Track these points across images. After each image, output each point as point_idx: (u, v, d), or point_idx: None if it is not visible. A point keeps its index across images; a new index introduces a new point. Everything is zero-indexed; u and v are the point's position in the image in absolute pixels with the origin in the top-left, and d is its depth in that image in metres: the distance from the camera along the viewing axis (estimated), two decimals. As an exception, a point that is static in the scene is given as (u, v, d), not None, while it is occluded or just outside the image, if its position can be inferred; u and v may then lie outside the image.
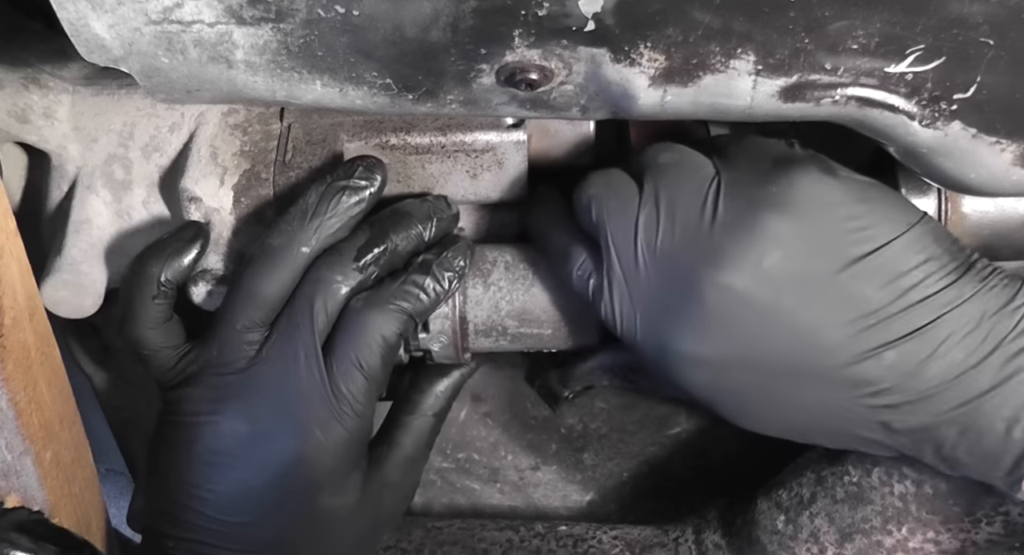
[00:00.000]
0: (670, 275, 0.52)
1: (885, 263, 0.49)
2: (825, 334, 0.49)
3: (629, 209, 0.54)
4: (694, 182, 0.53)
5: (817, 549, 0.68)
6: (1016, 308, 0.48)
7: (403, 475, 0.62)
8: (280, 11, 0.45)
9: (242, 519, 0.56)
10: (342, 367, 0.55)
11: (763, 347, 0.51)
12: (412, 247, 0.58)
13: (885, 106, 0.49)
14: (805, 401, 0.51)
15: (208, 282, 0.59)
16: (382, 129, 0.61)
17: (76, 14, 0.45)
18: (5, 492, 0.50)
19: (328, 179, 0.56)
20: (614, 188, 0.56)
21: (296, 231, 0.55)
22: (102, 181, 0.62)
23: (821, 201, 0.50)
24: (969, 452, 0.50)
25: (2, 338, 0.48)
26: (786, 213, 0.50)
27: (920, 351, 0.48)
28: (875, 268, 0.49)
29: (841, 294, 0.49)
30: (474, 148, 0.61)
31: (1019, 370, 0.48)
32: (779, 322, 0.50)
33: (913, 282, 0.49)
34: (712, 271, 0.50)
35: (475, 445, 0.86)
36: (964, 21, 0.44)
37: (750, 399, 0.53)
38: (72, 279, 0.61)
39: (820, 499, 0.68)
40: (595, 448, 0.86)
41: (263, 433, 0.55)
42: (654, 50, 0.47)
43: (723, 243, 0.50)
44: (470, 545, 0.79)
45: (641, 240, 0.53)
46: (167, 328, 0.58)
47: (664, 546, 0.77)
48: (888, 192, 0.53)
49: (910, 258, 0.49)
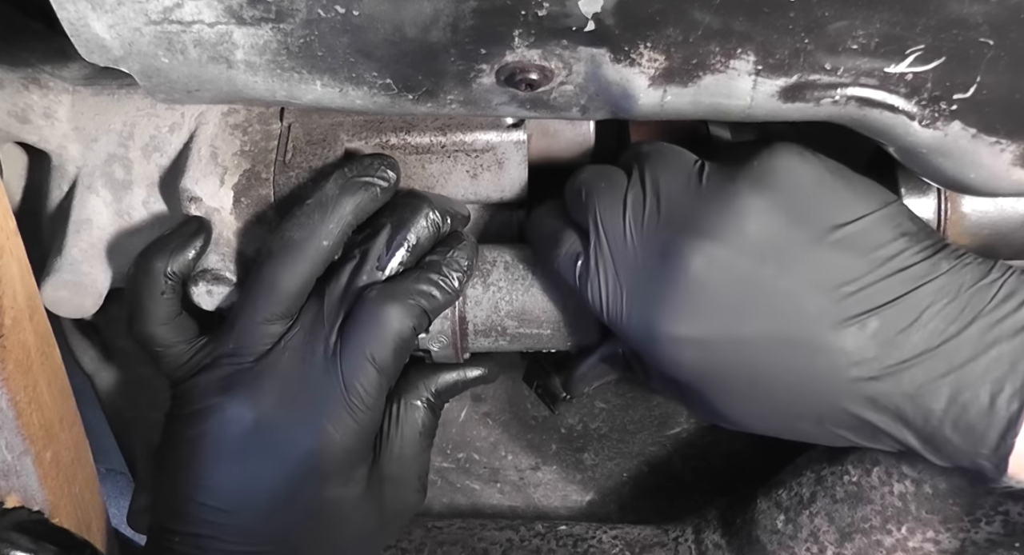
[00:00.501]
0: (656, 248, 0.53)
1: (864, 233, 0.50)
2: (807, 300, 0.50)
3: (617, 189, 0.55)
4: (679, 164, 0.55)
5: (817, 549, 0.68)
6: (992, 281, 0.49)
7: (400, 469, 0.62)
8: (280, 11, 0.45)
9: (247, 511, 0.55)
10: (355, 361, 0.55)
11: (747, 318, 0.51)
12: (428, 246, 0.58)
13: (885, 106, 0.49)
14: (789, 376, 0.51)
15: (208, 282, 0.59)
16: (382, 129, 0.61)
17: (76, 14, 0.45)
18: (5, 492, 0.50)
19: (347, 173, 0.57)
20: (604, 174, 0.57)
21: (317, 224, 0.55)
22: (102, 181, 0.62)
23: (801, 174, 0.52)
24: (954, 427, 0.49)
25: (2, 338, 0.48)
26: (767, 184, 0.52)
27: (901, 319, 0.49)
28: (854, 237, 0.50)
29: (821, 261, 0.50)
30: (474, 148, 0.61)
31: (999, 339, 0.48)
32: (762, 290, 0.51)
33: (891, 253, 0.50)
34: (695, 240, 0.51)
35: (475, 445, 0.86)
36: (964, 21, 0.44)
37: (735, 381, 0.53)
38: (72, 279, 0.61)
39: (820, 499, 0.68)
40: (595, 448, 0.86)
41: (270, 422, 0.55)
42: (654, 50, 0.47)
43: (706, 214, 0.52)
44: (470, 545, 0.79)
45: (628, 217, 0.54)
46: (178, 323, 0.58)
47: (664, 546, 0.77)
48: (863, 177, 0.54)
49: (887, 232, 0.51)
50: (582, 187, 0.57)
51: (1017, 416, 0.48)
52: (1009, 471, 0.49)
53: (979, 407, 0.49)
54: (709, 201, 0.52)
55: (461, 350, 0.61)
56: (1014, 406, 0.48)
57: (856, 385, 0.50)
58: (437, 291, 0.56)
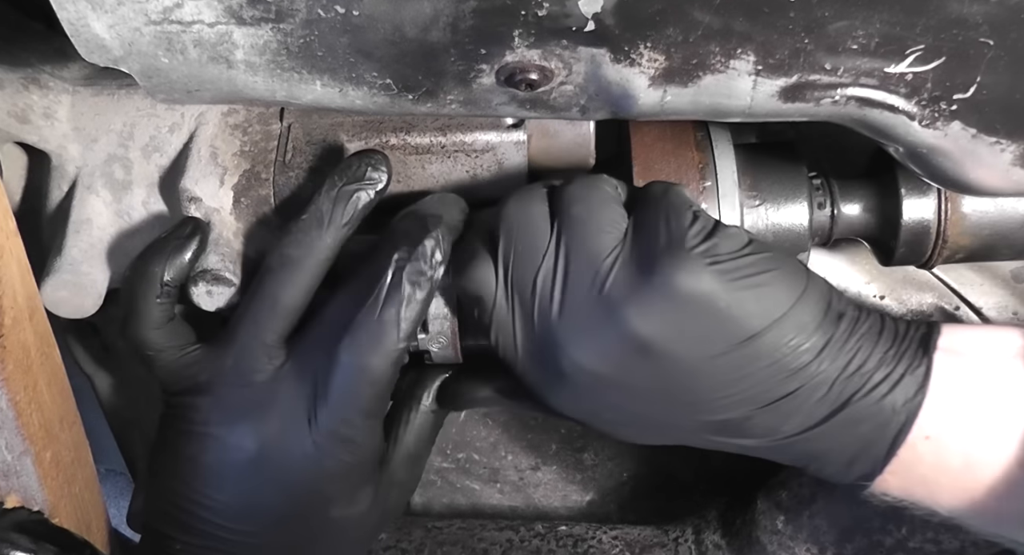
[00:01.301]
0: (549, 337, 0.52)
1: (766, 345, 0.50)
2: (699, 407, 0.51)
3: (533, 255, 0.53)
4: (597, 245, 0.52)
5: (817, 549, 0.68)
6: (862, 373, 0.50)
7: (407, 472, 0.62)
8: (280, 11, 0.45)
9: (249, 527, 0.56)
10: (351, 381, 0.55)
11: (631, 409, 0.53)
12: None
13: (885, 106, 0.49)
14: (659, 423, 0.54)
15: (208, 282, 0.59)
16: (382, 129, 0.61)
17: (76, 14, 0.45)
18: (5, 492, 0.50)
19: (337, 181, 0.56)
20: (524, 226, 0.54)
21: (314, 241, 0.55)
22: (102, 181, 0.62)
23: (700, 294, 0.50)
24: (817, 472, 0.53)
25: (2, 338, 0.48)
26: (666, 306, 0.50)
27: (785, 411, 0.50)
28: (757, 351, 0.50)
29: (713, 375, 0.50)
30: (474, 148, 0.61)
31: (861, 421, 0.50)
32: (651, 397, 0.52)
33: (788, 354, 0.50)
34: (576, 352, 0.51)
35: (475, 445, 0.86)
36: (964, 21, 0.44)
37: (614, 422, 0.55)
38: (72, 279, 0.61)
39: (820, 499, 0.68)
40: (595, 448, 0.86)
41: (272, 451, 0.55)
42: (654, 50, 0.47)
43: (598, 325, 0.51)
44: (470, 545, 0.79)
45: (539, 289, 0.53)
46: (171, 328, 0.58)
47: (664, 546, 0.77)
48: (776, 267, 0.51)
49: (787, 337, 0.50)
50: (502, 236, 0.55)
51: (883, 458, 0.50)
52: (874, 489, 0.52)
53: (837, 467, 0.52)
54: (607, 310, 0.51)
55: (460, 351, 0.61)
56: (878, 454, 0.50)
57: (729, 446, 0.53)
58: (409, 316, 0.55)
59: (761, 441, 0.52)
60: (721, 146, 0.63)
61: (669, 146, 0.64)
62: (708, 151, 0.63)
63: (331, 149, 0.60)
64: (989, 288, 0.72)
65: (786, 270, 0.51)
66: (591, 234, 0.53)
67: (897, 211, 0.62)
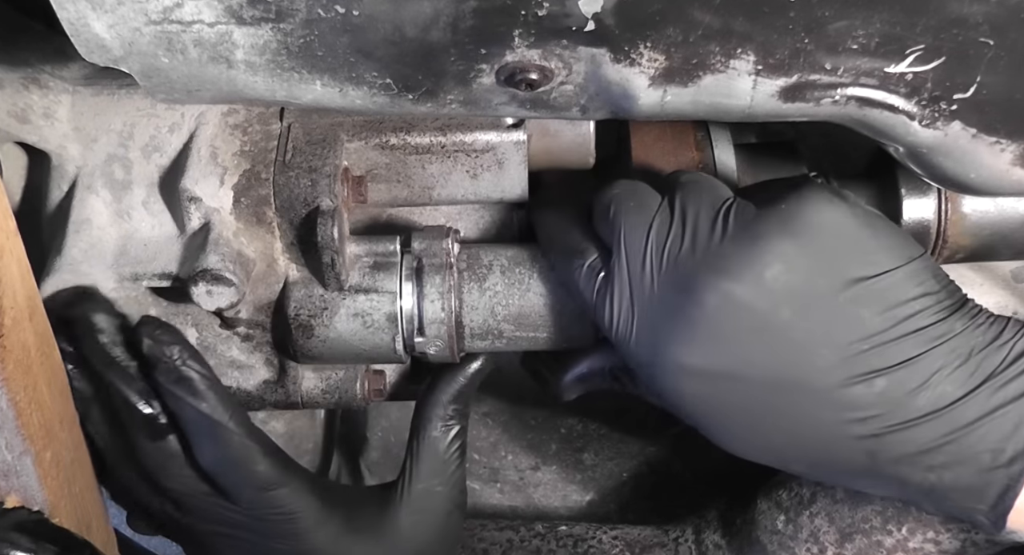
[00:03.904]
0: (673, 280, 0.52)
1: (885, 290, 0.50)
2: (819, 353, 0.50)
3: (646, 211, 0.55)
4: (711, 197, 0.54)
5: (817, 549, 0.68)
6: (1003, 344, 0.49)
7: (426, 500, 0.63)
8: (280, 11, 0.45)
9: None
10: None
11: (756, 360, 0.51)
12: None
13: (885, 106, 0.49)
14: (790, 422, 0.51)
15: (208, 282, 0.59)
16: (382, 129, 0.61)
17: (76, 14, 0.45)
18: (5, 492, 0.50)
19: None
20: (635, 193, 0.56)
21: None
22: (102, 181, 0.62)
23: (828, 222, 0.51)
24: (954, 485, 0.50)
25: (2, 338, 0.48)
26: (792, 230, 0.51)
27: (910, 381, 0.49)
28: (875, 293, 0.50)
29: (839, 314, 0.50)
30: (474, 148, 0.61)
31: (1005, 401, 0.48)
32: (775, 335, 0.50)
33: (909, 312, 0.49)
34: (714, 277, 0.51)
35: (475, 445, 0.86)
36: (964, 21, 0.44)
37: (735, 417, 0.53)
38: (72, 279, 0.61)
39: (820, 499, 0.68)
40: (595, 448, 0.86)
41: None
42: (654, 50, 0.47)
43: (728, 253, 0.51)
44: (470, 545, 0.79)
45: (652, 242, 0.53)
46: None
47: (664, 546, 0.77)
48: (893, 225, 0.53)
49: (909, 289, 0.50)
50: (611, 203, 0.56)
51: (1017, 477, 0.48)
52: (1008, 527, 0.49)
53: (979, 467, 0.49)
54: (733, 240, 0.52)
55: (457, 352, 0.61)
56: (1014, 468, 0.48)
57: (857, 441, 0.50)
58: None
59: (892, 425, 0.49)
60: (721, 146, 0.63)
61: (669, 146, 0.64)
62: (708, 151, 0.63)
63: (331, 149, 0.60)
64: (989, 288, 0.72)
65: (902, 232, 0.53)
66: (705, 188, 0.54)
67: (897, 211, 0.62)
